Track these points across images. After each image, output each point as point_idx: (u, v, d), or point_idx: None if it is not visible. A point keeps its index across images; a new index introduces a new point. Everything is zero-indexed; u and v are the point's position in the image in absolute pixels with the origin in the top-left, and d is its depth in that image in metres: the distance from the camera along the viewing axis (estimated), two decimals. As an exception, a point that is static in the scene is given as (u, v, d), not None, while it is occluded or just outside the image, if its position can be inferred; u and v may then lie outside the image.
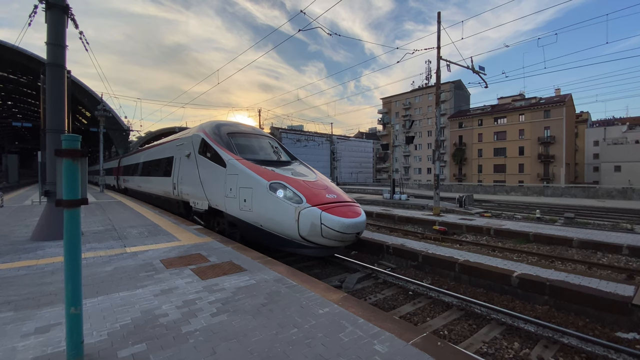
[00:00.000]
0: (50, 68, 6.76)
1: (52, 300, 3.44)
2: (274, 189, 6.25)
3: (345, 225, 5.72)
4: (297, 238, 5.94)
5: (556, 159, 51.12)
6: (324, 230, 5.65)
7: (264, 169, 6.94)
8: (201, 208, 8.55)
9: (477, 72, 16.19)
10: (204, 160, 8.50)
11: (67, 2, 6.90)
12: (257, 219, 6.45)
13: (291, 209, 5.87)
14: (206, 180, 8.25)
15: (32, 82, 40.04)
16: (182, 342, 2.61)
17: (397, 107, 74.95)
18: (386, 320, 3.04)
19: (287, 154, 9.28)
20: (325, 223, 5.63)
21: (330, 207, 5.92)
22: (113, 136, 43.64)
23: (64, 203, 2.22)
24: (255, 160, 7.45)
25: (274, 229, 6.23)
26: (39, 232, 6.59)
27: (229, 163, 7.41)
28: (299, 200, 5.95)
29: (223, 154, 7.72)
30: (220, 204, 7.55)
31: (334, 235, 5.72)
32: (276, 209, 6.07)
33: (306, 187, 6.38)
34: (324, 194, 6.29)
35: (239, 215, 6.87)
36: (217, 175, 7.69)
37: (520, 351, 4.09)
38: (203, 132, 8.93)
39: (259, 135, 9.53)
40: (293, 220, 5.80)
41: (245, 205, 6.64)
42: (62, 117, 6.96)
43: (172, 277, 4.23)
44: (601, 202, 23.17)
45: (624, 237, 9.73)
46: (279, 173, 6.82)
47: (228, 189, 7.19)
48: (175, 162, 10.76)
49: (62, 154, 2.22)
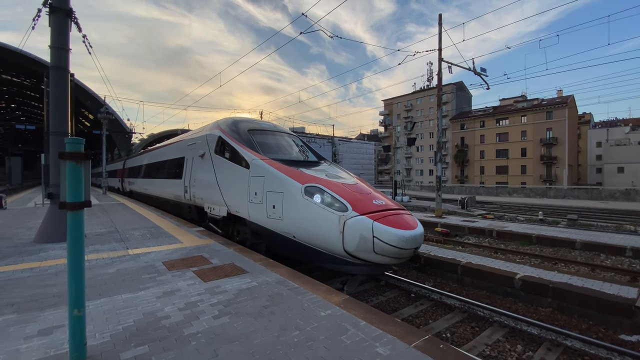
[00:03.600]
0: (54, 71, 6.81)
1: (55, 302, 3.45)
2: (310, 193, 5.32)
3: (404, 238, 4.66)
4: (340, 253, 4.91)
5: (559, 160, 50.92)
6: (377, 244, 4.60)
7: (295, 170, 6.03)
8: (218, 214, 7.66)
9: (479, 74, 16.19)
10: (221, 161, 7.68)
11: (70, 6, 6.96)
12: (289, 228, 5.51)
13: (333, 218, 4.88)
14: (225, 183, 7.43)
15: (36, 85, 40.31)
16: (184, 344, 2.61)
17: (398, 108, 74.97)
18: (388, 323, 3.03)
19: (313, 153, 8.32)
20: (379, 236, 4.59)
21: (382, 216, 4.87)
22: (116, 139, 43.83)
23: (67, 205, 2.24)
24: (282, 161, 6.52)
25: (310, 241, 5.27)
26: (42, 234, 6.62)
27: (253, 163, 6.51)
28: (343, 207, 4.95)
29: (245, 154, 6.85)
30: (242, 210, 6.66)
31: (389, 251, 4.65)
32: (314, 217, 5.14)
33: (348, 191, 5.40)
34: (370, 200, 5.28)
35: (265, 223, 5.97)
36: (239, 177, 6.83)
37: (524, 354, 4.07)
38: (220, 130, 8.07)
39: (282, 132, 8.62)
40: (336, 232, 4.81)
41: (273, 213, 5.73)
42: (66, 119, 7.01)
43: (174, 279, 4.24)
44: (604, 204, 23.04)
45: (627, 238, 9.68)
46: (313, 175, 5.90)
47: (252, 194, 6.29)
48: (186, 164, 9.96)
49: (66, 157, 2.24)
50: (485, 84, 16.51)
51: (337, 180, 5.89)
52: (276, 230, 5.77)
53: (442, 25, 15.06)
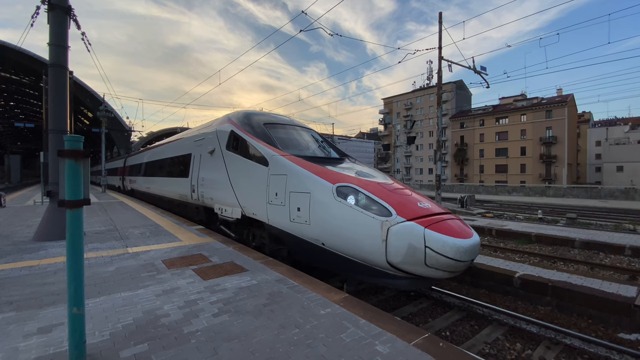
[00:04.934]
0: (53, 69, 6.78)
1: (54, 300, 3.45)
2: (344, 194, 4.63)
3: (462, 249, 3.89)
4: (382, 265, 4.20)
5: (558, 159, 50.97)
6: (429, 256, 3.86)
7: (322, 167, 5.39)
8: (231, 216, 7.04)
9: (479, 72, 16.17)
10: (234, 158, 7.06)
11: (69, 3, 6.93)
12: (318, 235, 4.84)
13: (374, 224, 4.16)
14: (239, 182, 6.83)
15: (35, 82, 40.22)
16: (183, 342, 2.61)
17: (398, 107, 74.92)
18: (388, 321, 3.04)
19: (334, 149, 7.63)
20: (432, 246, 3.85)
21: (432, 221, 4.12)
22: (115, 137, 43.79)
23: (66, 203, 2.23)
24: (304, 157, 5.91)
25: (343, 249, 4.57)
26: (41, 232, 6.61)
27: (272, 160, 5.89)
28: (386, 211, 4.23)
29: (263, 149, 6.23)
30: (260, 212, 6.02)
31: (444, 264, 3.90)
32: (349, 223, 4.44)
33: (388, 192, 4.71)
34: (415, 203, 4.56)
35: (288, 228, 5.33)
36: (255, 175, 6.24)
37: (523, 352, 4.08)
38: (232, 124, 7.48)
39: (300, 126, 7.96)
40: (377, 240, 4.11)
41: (298, 216, 5.09)
42: (65, 117, 6.98)
43: (174, 278, 4.24)
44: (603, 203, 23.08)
45: (626, 237, 9.69)
46: (344, 173, 5.27)
47: (272, 194, 5.68)
48: (193, 161, 9.38)
49: (65, 155, 2.22)
50: (485, 82, 16.50)
51: (371, 179, 5.21)
52: (301, 236, 5.12)
53: (442, 24, 15.04)
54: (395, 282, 4.40)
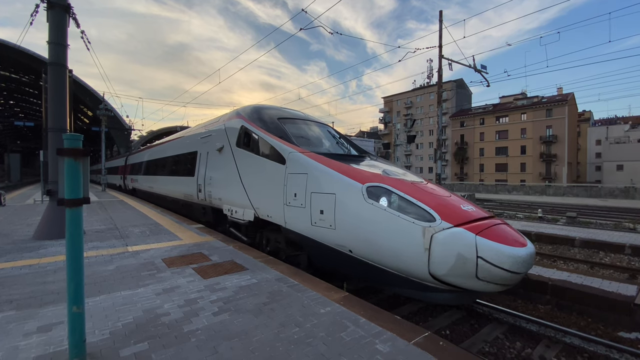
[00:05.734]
0: (52, 67, 6.77)
1: (54, 299, 3.45)
2: (376, 196, 4.15)
3: (520, 260, 3.40)
4: (423, 277, 3.73)
5: (558, 158, 50.96)
6: (482, 268, 3.37)
7: (346, 165, 4.92)
8: (242, 218, 6.58)
9: (479, 71, 16.15)
10: (246, 155, 6.63)
11: (68, 2, 6.91)
12: (344, 240, 4.40)
13: (414, 230, 3.69)
14: (251, 181, 6.41)
15: (34, 81, 40.15)
16: (183, 341, 2.61)
17: (398, 106, 74.85)
18: (388, 320, 3.04)
19: (352, 145, 7.09)
20: (486, 256, 3.36)
21: (482, 227, 3.63)
22: (115, 135, 43.77)
23: (65, 202, 2.22)
24: (326, 154, 5.46)
25: (375, 258, 4.11)
26: (41, 231, 6.61)
27: (290, 158, 5.44)
28: (428, 215, 3.74)
29: (279, 146, 5.76)
30: (276, 214, 5.60)
31: (498, 277, 3.40)
32: (382, 228, 3.96)
33: (427, 194, 4.22)
34: (458, 206, 4.08)
35: (309, 232, 4.91)
36: (271, 174, 5.80)
37: (522, 351, 4.08)
38: (242, 119, 7.04)
39: (314, 121, 7.43)
40: (418, 249, 3.63)
41: (321, 220, 4.64)
42: (64, 116, 6.97)
43: (174, 276, 4.24)
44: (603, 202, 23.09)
45: (626, 236, 9.70)
46: (372, 171, 4.78)
47: (290, 195, 5.24)
48: (199, 159, 8.97)
49: (64, 153, 2.22)
50: (486, 81, 16.47)
51: (402, 178, 4.69)
52: (325, 242, 4.69)
53: (442, 22, 15.00)
54: (436, 295, 3.94)
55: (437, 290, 3.86)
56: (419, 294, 4.06)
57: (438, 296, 3.94)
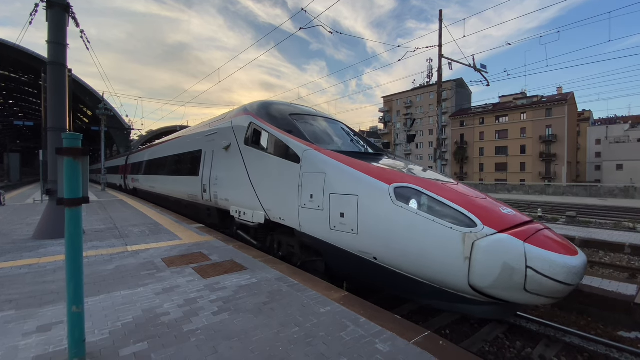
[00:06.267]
0: (52, 67, 6.76)
1: (53, 298, 3.44)
2: (405, 198, 3.77)
3: (575, 270, 3.05)
4: (461, 288, 3.35)
5: (558, 157, 50.98)
6: (531, 279, 2.99)
7: (368, 164, 4.58)
8: (251, 220, 6.24)
9: (479, 70, 16.13)
10: (256, 154, 6.30)
11: (67, 1, 6.90)
12: (368, 246, 4.04)
13: (452, 236, 3.32)
14: (261, 181, 6.08)
15: (34, 81, 40.14)
16: (183, 340, 2.61)
17: (398, 105, 74.82)
18: (388, 320, 3.04)
19: (368, 143, 6.75)
20: (536, 266, 2.98)
21: (528, 233, 3.26)
22: (114, 135, 43.76)
23: (65, 202, 2.22)
24: (344, 153, 5.13)
25: (404, 266, 3.74)
26: (40, 230, 6.61)
27: (306, 156, 5.09)
28: (466, 220, 3.37)
29: (293, 144, 5.42)
30: (289, 217, 5.27)
31: (550, 289, 3.02)
32: (413, 233, 3.59)
33: (461, 195, 3.84)
34: (496, 208, 3.71)
35: (327, 237, 4.55)
36: (284, 174, 5.47)
37: (522, 350, 4.08)
38: (250, 116, 6.70)
39: (326, 117, 7.05)
40: (457, 257, 3.26)
41: (342, 224, 4.28)
42: (64, 115, 6.97)
43: (174, 276, 4.23)
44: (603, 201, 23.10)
45: (626, 236, 9.70)
46: (398, 171, 4.49)
47: (305, 196, 4.90)
48: (204, 158, 8.66)
49: (63, 153, 2.21)
50: (486, 80, 16.46)
51: (431, 178, 4.32)
52: (345, 248, 4.34)
53: (442, 22, 14.99)
54: (474, 308, 3.55)
55: (474, 303, 3.47)
56: (453, 307, 3.67)
57: (476, 309, 3.56)
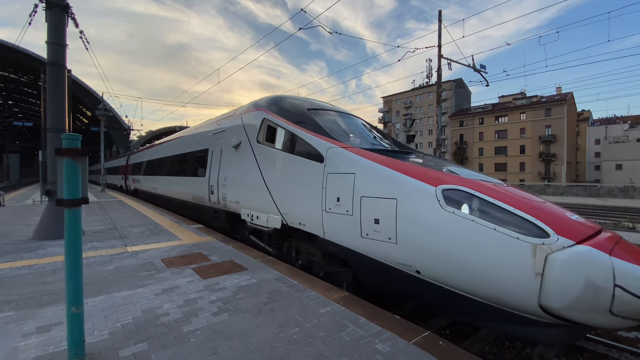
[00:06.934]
0: (51, 67, 6.76)
1: (53, 299, 3.44)
2: (456, 202, 3.27)
3: None
4: (529, 309, 2.83)
5: (557, 157, 51.03)
6: (620, 300, 2.51)
7: (406, 163, 4.10)
8: (266, 225, 5.70)
9: (478, 71, 16.14)
10: (271, 152, 5.80)
11: (67, 1, 6.90)
12: (409, 258, 3.51)
13: (519, 248, 2.81)
14: (278, 182, 5.55)
15: (33, 81, 40.13)
16: (183, 341, 2.60)
17: (398, 105, 74.88)
18: (388, 320, 3.04)
19: (392, 140, 6.33)
20: (628, 285, 2.51)
21: (610, 244, 2.79)
22: (114, 135, 43.75)
23: (64, 202, 2.22)
24: (373, 151, 4.63)
25: (455, 281, 3.20)
26: (40, 231, 6.60)
27: (330, 154, 4.57)
28: (535, 229, 2.87)
29: (315, 141, 4.91)
30: (311, 222, 4.74)
31: None
32: (469, 244, 3.06)
33: (521, 199, 3.33)
34: (565, 215, 3.26)
35: (357, 246, 4.04)
36: (304, 174, 4.97)
37: (522, 350, 4.08)
38: (263, 111, 6.27)
39: (346, 113, 6.58)
40: (525, 272, 2.75)
41: (376, 231, 3.76)
42: (63, 116, 6.97)
43: (173, 277, 4.23)
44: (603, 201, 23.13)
45: (626, 236, 9.71)
46: (441, 171, 3.97)
47: (331, 199, 4.38)
48: (211, 157, 8.17)
49: (63, 153, 2.21)
50: (485, 80, 16.47)
51: (479, 179, 3.81)
52: (380, 259, 3.82)
53: (441, 22, 15.00)
54: (538, 331, 2.98)
55: (538, 325, 2.94)
56: (516, 330, 3.11)
57: (540, 332, 2.99)
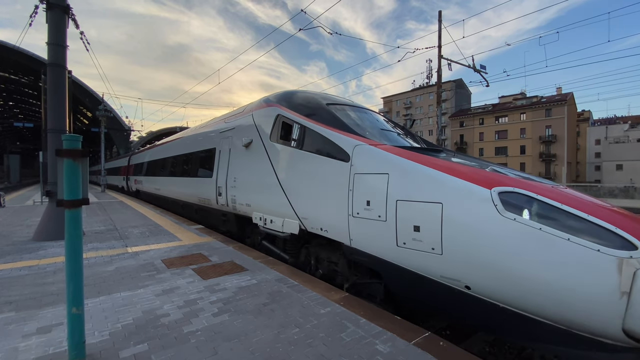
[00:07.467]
0: (51, 68, 6.77)
1: (53, 300, 3.44)
2: (516, 207, 2.83)
3: None
4: (610, 334, 2.43)
5: (558, 157, 51.00)
6: None
7: (451, 162, 3.71)
8: (281, 230, 5.29)
9: (478, 71, 16.15)
10: (287, 151, 5.37)
11: (67, 3, 6.92)
12: (457, 271, 3.05)
13: (600, 262, 2.43)
14: (294, 183, 5.14)
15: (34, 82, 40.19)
16: (183, 342, 2.60)
17: (398, 106, 74.88)
18: (388, 320, 3.04)
19: (420, 138, 5.97)
20: None
21: None
22: (114, 136, 43.78)
23: (64, 203, 2.22)
24: (407, 149, 4.19)
25: (517, 301, 2.75)
26: (40, 232, 6.60)
27: (358, 152, 4.14)
28: (618, 240, 2.49)
29: (339, 138, 4.46)
30: (335, 228, 4.31)
31: None
32: (535, 256, 2.63)
33: (590, 204, 2.95)
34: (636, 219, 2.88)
35: (392, 256, 3.60)
36: (327, 175, 4.51)
37: (523, 351, 4.07)
38: (276, 107, 5.87)
39: (365, 108, 6.15)
40: (609, 291, 2.37)
41: (416, 239, 3.33)
42: (63, 117, 6.98)
43: (174, 277, 4.23)
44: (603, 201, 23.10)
45: (626, 236, 9.69)
46: (489, 171, 3.49)
47: (359, 202, 3.93)
48: (219, 157, 7.72)
49: (63, 154, 2.21)
50: (485, 81, 16.48)
51: (538, 180, 3.43)
52: (420, 272, 3.37)
53: (441, 23, 15.01)
54: (615, 357, 2.57)
55: (611, 350, 2.54)
56: (586, 355, 2.67)
57: (614, 357, 2.56)
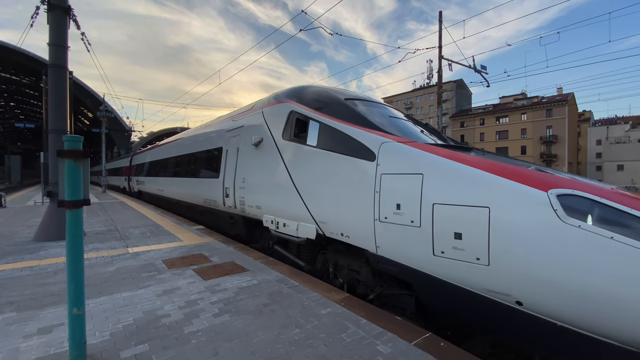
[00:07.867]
0: (52, 69, 6.78)
1: (54, 300, 3.45)
2: (580, 212, 2.51)
3: None
4: None
5: (559, 158, 50.93)
6: None
7: (496, 161, 3.37)
8: (296, 235, 4.94)
9: (479, 71, 16.14)
10: (301, 150, 5.01)
11: (68, 3, 6.93)
12: (507, 285, 2.72)
13: None
14: (311, 184, 4.77)
15: (35, 83, 40.27)
16: (184, 342, 2.60)
17: (398, 106, 74.91)
18: (389, 321, 3.03)
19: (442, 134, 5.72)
20: None
21: None
22: (115, 137, 43.83)
23: (66, 204, 2.22)
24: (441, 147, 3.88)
25: (581, 321, 2.43)
26: (41, 232, 6.61)
27: (385, 150, 3.78)
28: None
29: (362, 135, 4.12)
30: (359, 234, 3.97)
31: None
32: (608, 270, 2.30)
33: None
34: None
35: (427, 267, 3.27)
36: (349, 175, 4.15)
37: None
38: (289, 103, 5.53)
39: (382, 103, 5.85)
40: None
41: (456, 248, 2.98)
42: (64, 117, 6.99)
43: (174, 278, 4.23)
44: (604, 202, 23.02)
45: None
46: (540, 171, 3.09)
47: (388, 205, 3.58)
48: (226, 157, 7.36)
49: (64, 155, 2.22)
50: (486, 81, 16.46)
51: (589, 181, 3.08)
52: (461, 284, 3.03)
53: (442, 23, 15.02)
54: None
55: None
56: None
57: None
